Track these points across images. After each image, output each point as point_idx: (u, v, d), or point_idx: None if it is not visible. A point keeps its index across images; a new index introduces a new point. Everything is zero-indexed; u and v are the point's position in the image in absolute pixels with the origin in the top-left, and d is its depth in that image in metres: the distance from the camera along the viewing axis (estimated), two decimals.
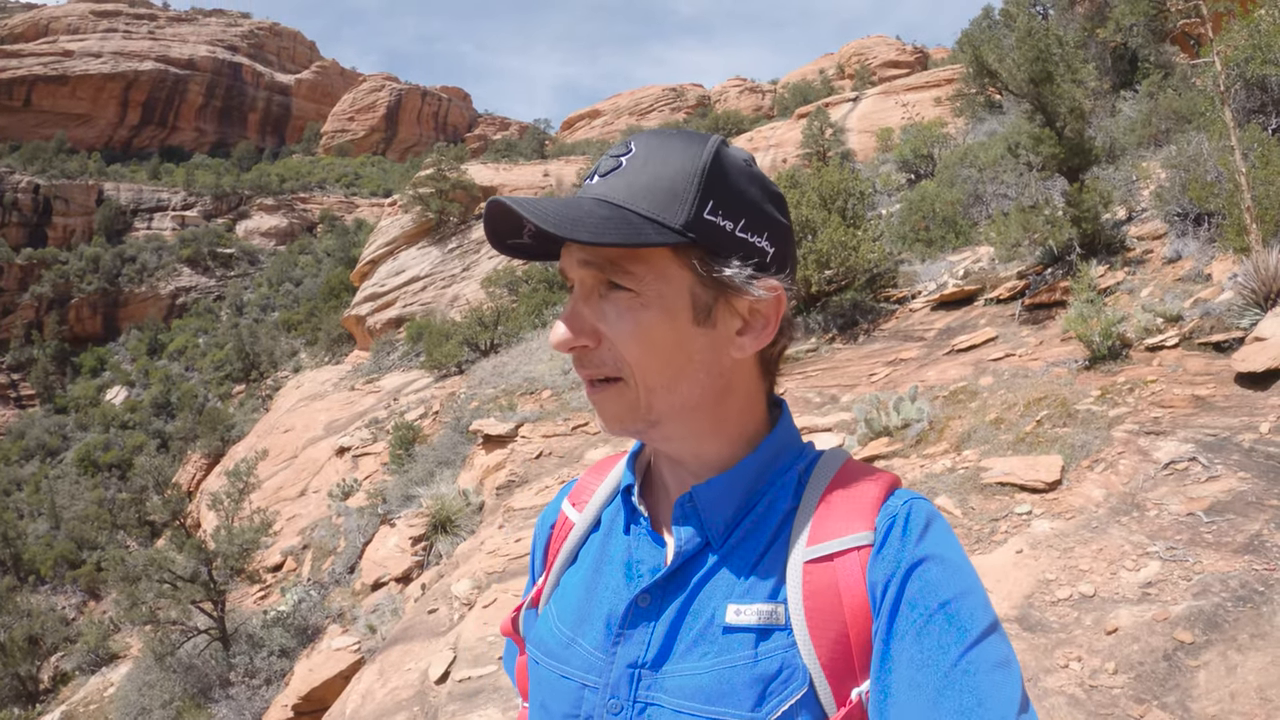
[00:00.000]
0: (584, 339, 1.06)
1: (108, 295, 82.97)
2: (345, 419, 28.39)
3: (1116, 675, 3.52)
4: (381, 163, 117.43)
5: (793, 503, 1.12)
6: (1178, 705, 3.27)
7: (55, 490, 48.93)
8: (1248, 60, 12.89)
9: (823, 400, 10.96)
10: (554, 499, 1.42)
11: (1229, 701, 3.19)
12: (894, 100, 39.33)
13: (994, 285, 12.89)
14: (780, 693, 1.00)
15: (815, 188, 15.98)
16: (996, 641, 0.95)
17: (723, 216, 1.04)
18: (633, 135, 1.08)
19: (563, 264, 1.08)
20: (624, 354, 1.05)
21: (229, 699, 12.00)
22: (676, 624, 1.08)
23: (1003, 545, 5.03)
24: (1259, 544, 4.24)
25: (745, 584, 1.07)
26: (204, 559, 13.44)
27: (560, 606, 1.22)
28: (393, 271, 41.86)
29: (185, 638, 13.81)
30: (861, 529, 1.05)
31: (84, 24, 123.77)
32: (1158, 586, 4.09)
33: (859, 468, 1.15)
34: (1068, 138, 11.86)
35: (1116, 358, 7.90)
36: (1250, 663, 3.36)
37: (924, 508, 1.07)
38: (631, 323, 1.04)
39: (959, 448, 7.27)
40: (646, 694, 1.05)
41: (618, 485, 1.28)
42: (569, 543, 1.29)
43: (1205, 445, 5.52)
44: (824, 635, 1.01)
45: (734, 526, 1.11)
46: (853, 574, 1.03)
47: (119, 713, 14.96)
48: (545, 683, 1.17)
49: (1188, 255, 9.98)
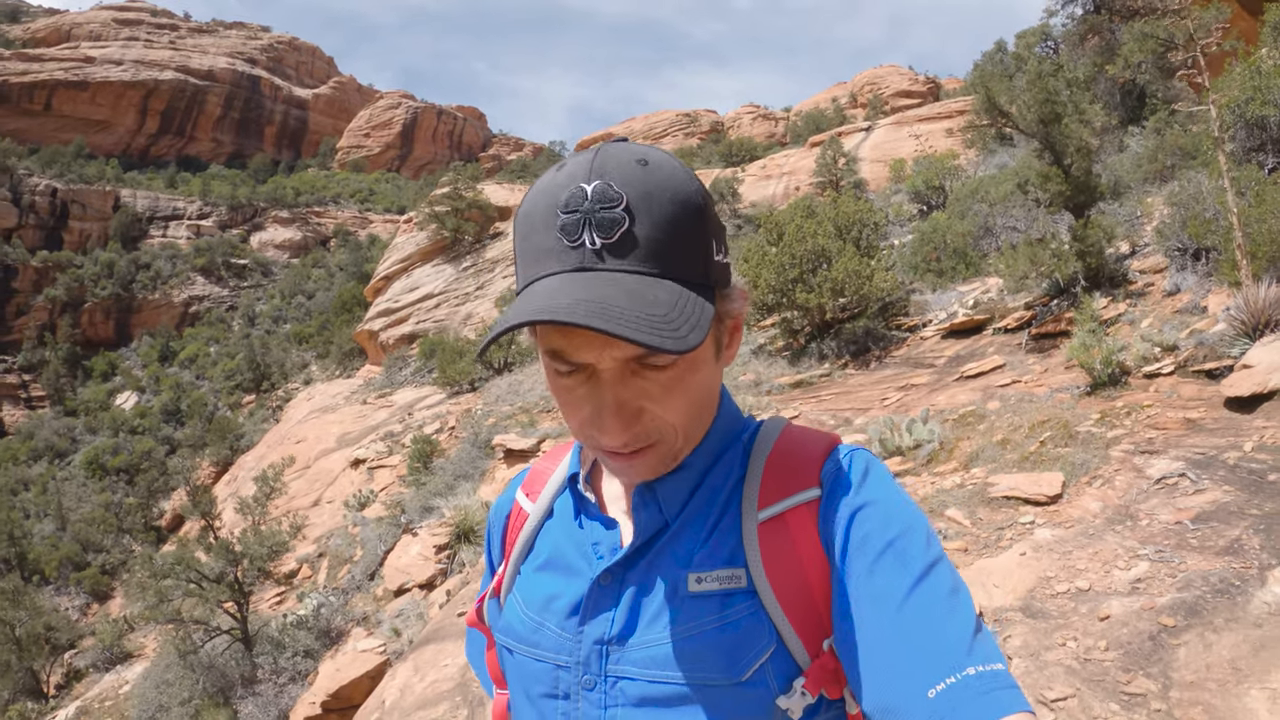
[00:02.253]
0: (636, 424, 1.04)
1: (121, 301, 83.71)
2: (358, 432, 28.55)
3: (1108, 652, 3.98)
4: (396, 179, 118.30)
5: (740, 472, 1.16)
6: (1160, 674, 3.73)
7: (62, 492, 48.48)
8: (1248, 101, 13.36)
9: (837, 423, 11.36)
10: (507, 489, 1.45)
11: (1205, 671, 3.65)
12: (906, 131, 39.73)
13: (1002, 315, 13.32)
14: (748, 653, 1.03)
15: (831, 218, 16.45)
16: (943, 571, 0.99)
17: (717, 250, 1.07)
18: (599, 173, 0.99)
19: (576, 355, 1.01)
20: (673, 421, 1.06)
21: (255, 695, 12.37)
22: (638, 598, 1.11)
23: (1008, 550, 5.50)
24: (1238, 547, 4.70)
25: (703, 553, 1.10)
26: (231, 560, 13.86)
27: (525, 594, 1.24)
28: (407, 288, 42.21)
29: (208, 637, 14.18)
30: (809, 485, 1.10)
31: (106, 31, 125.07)
32: (1146, 582, 4.55)
33: (799, 430, 1.20)
34: (1074, 175, 12.36)
35: (1116, 384, 8.36)
36: (1224, 641, 3.82)
37: (864, 457, 1.13)
38: (681, 390, 1.05)
39: (968, 466, 7.73)
40: (616, 667, 1.09)
41: (567, 473, 1.31)
42: (525, 532, 1.31)
43: (1194, 463, 5.98)
44: (787, 591, 1.05)
45: (687, 502, 1.15)
46: (806, 529, 1.08)
47: (137, 709, 15.19)
48: (521, 668, 1.21)
49: (1186, 288, 10.45)
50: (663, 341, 0.90)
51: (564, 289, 0.95)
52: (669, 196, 1.00)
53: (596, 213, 0.97)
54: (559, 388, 1.06)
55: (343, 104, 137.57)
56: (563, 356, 1.01)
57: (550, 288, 0.97)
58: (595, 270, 0.97)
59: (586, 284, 0.95)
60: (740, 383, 15.28)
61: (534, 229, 1.03)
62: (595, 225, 0.97)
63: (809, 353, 15.75)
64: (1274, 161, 13.20)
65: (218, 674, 13.70)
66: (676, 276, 0.99)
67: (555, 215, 1.00)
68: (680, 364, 1.02)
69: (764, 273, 16.16)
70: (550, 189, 1.02)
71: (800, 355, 15.86)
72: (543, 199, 1.02)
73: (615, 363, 1.00)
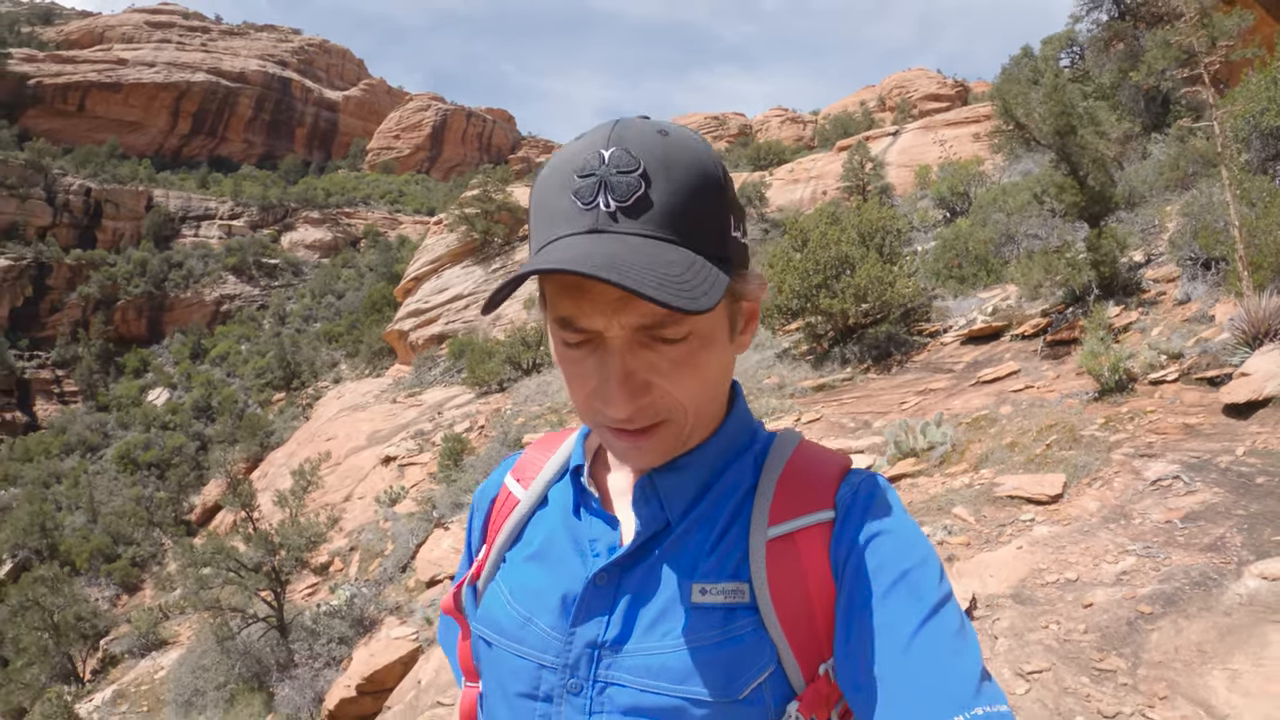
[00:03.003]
0: (643, 397, 1.02)
1: (153, 299, 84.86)
2: (388, 430, 29.05)
3: (1086, 634, 4.35)
4: (425, 181, 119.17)
5: (751, 483, 1.14)
6: (1131, 654, 4.09)
7: (94, 485, 49.23)
8: (1263, 111, 13.57)
9: (856, 425, 11.70)
10: (495, 473, 1.41)
11: (1173, 653, 4.01)
12: (933, 135, 39.77)
13: (1019, 322, 13.59)
14: (748, 671, 1.01)
15: (855, 225, 16.77)
16: (953, 609, 0.97)
17: (735, 227, 1.05)
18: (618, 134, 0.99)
19: (586, 321, 0.99)
20: (682, 399, 1.04)
21: (292, 679, 12.87)
22: (636, 603, 1.08)
23: (1007, 545, 5.86)
24: (1221, 544, 5.05)
25: (708, 564, 1.07)
26: (270, 550, 14.37)
27: (512, 585, 1.20)
28: (436, 289, 42.71)
29: (245, 624, 14.69)
30: (822, 507, 1.08)
31: (138, 34, 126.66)
32: (1131, 575, 4.91)
33: (814, 449, 1.18)
34: (1089, 186, 12.65)
35: (1123, 390, 8.68)
36: (1194, 627, 4.17)
37: (880, 484, 1.11)
38: (692, 366, 1.02)
39: (977, 467, 8.08)
40: (607, 673, 1.06)
41: (565, 463, 1.28)
42: (512, 519, 1.28)
43: (1189, 466, 6.32)
44: (790, 612, 1.03)
45: (693, 507, 1.12)
46: (815, 550, 1.06)
47: (173, 693, 15.77)
48: (499, 662, 1.17)
49: (1196, 298, 10.73)
50: (673, 299, 0.88)
51: (575, 247, 0.94)
52: (687, 164, 0.99)
53: (612, 176, 0.97)
54: (567, 359, 1.05)
55: (373, 106, 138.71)
56: (571, 324, 1.00)
57: (561, 247, 0.96)
58: (608, 232, 0.96)
59: (598, 242, 0.94)
60: (764, 385, 15.61)
61: (548, 194, 1.02)
62: (610, 189, 0.97)
63: (832, 357, 16.01)
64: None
65: (253, 660, 14.22)
66: (692, 245, 0.98)
67: (571, 179, 0.99)
68: (692, 339, 1.01)
69: (789, 278, 16.47)
70: (567, 156, 1.02)
71: (824, 359, 16.14)
72: (559, 166, 1.02)
73: (625, 330, 0.99)
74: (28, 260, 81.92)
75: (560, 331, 1.02)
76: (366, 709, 10.62)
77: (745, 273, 1.08)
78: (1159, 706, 3.66)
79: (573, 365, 1.04)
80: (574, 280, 0.97)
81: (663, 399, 1.02)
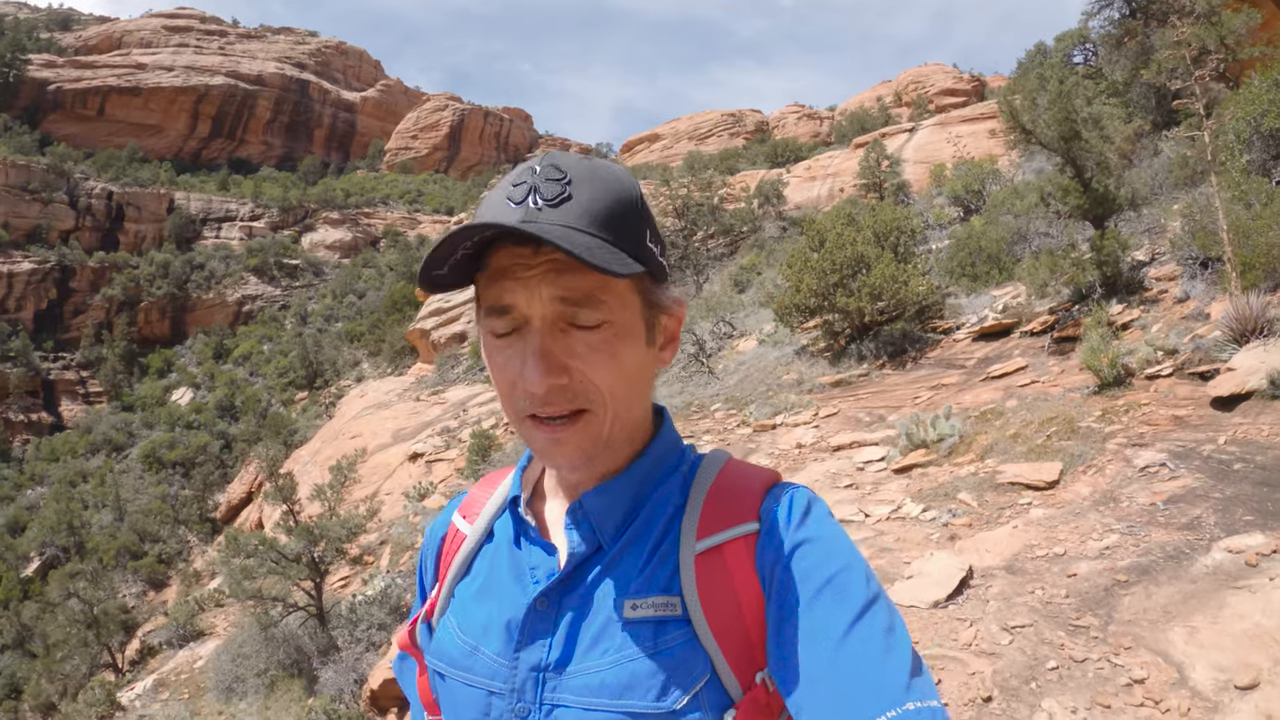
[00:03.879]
0: (560, 376, 1.05)
1: (176, 300, 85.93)
2: (412, 428, 29.46)
3: (1068, 599, 4.93)
4: (444, 180, 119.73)
5: (680, 501, 1.17)
6: (1104, 614, 4.67)
7: (120, 484, 50.37)
8: (1264, 114, 14.01)
9: (871, 419, 12.23)
10: (443, 512, 1.45)
11: (1141, 613, 4.59)
12: (950, 131, 40.02)
13: (1028, 319, 14.03)
14: (683, 682, 1.04)
15: (870, 225, 17.27)
16: (881, 609, 1.00)
17: (652, 239, 1.11)
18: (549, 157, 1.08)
19: (510, 298, 1.06)
20: (598, 384, 1.07)
21: (335, 662, 13.51)
22: (576, 624, 1.11)
23: (1004, 525, 6.44)
24: (1196, 523, 5.61)
25: (640, 580, 1.11)
26: (311, 540, 15.03)
27: (460, 617, 1.24)
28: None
29: (286, 613, 15.34)
30: (747, 519, 1.12)
31: (156, 38, 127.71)
32: (1112, 550, 5.48)
33: (741, 465, 1.22)
34: (1093, 189, 13.15)
35: (1121, 384, 9.22)
36: (1162, 592, 4.75)
37: (804, 494, 1.14)
38: (608, 353, 1.06)
39: (983, 457, 8.65)
40: (552, 695, 1.09)
41: (506, 497, 1.31)
42: (461, 554, 1.31)
43: (1175, 454, 6.87)
44: (721, 623, 1.06)
45: (624, 527, 1.16)
46: (742, 562, 1.09)
47: (214, 680, 16.36)
48: (452, 693, 1.20)
49: (1195, 296, 11.23)
50: (586, 255, 0.95)
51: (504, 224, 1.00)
52: (608, 179, 1.07)
53: (541, 182, 1.04)
54: (493, 352, 1.09)
55: (390, 106, 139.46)
56: (496, 307, 1.05)
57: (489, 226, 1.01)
58: (534, 222, 1.00)
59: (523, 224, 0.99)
60: (783, 381, 16.11)
61: (486, 204, 1.08)
62: (538, 191, 1.03)
63: (849, 354, 16.40)
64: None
65: (292, 647, 14.85)
66: (617, 244, 1.04)
67: (506, 189, 1.06)
68: (607, 329, 1.06)
69: (806, 277, 16.92)
70: (507, 177, 1.10)
71: (841, 356, 16.54)
72: (499, 184, 1.10)
73: (545, 307, 1.03)
74: (51, 263, 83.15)
75: (487, 321, 1.08)
76: None
77: (665, 286, 1.16)
78: (1123, 654, 4.25)
79: (498, 355, 1.09)
80: (500, 266, 1.05)
81: (580, 384, 1.06)
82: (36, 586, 37.07)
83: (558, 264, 1.04)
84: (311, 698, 13.20)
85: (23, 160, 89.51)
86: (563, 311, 1.05)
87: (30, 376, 74.72)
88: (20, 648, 31.23)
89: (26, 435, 69.59)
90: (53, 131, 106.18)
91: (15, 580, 41.27)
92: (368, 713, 11.91)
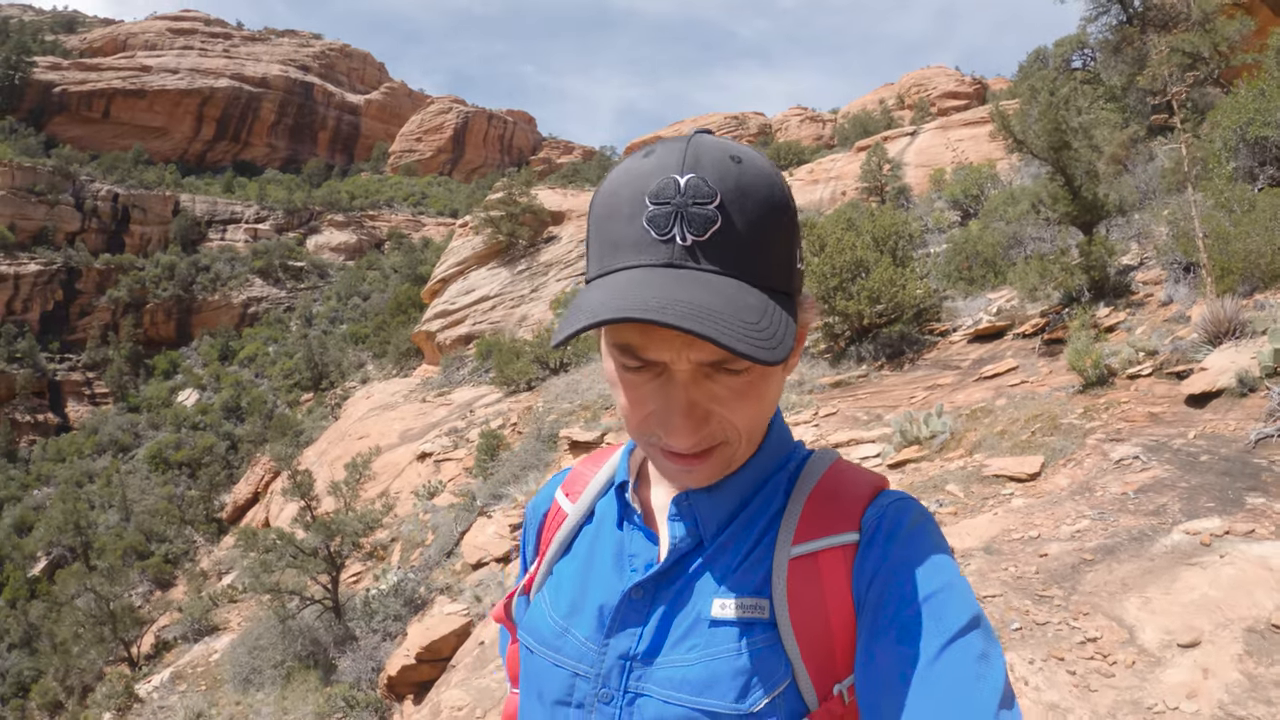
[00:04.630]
0: (704, 427, 1.04)
1: (181, 302, 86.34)
2: (419, 428, 29.84)
3: (1037, 575, 5.45)
4: (448, 183, 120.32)
5: (782, 502, 1.16)
6: (1070, 586, 5.18)
7: (126, 484, 50.83)
8: (1249, 123, 14.52)
9: (869, 418, 12.70)
10: (545, 487, 1.44)
11: (1101, 586, 5.10)
12: (951, 135, 40.32)
13: (1021, 322, 14.50)
14: (763, 685, 1.04)
15: (869, 230, 17.77)
16: (978, 636, 0.97)
17: (800, 259, 1.07)
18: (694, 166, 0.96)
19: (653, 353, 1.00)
20: (739, 424, 1.06)
21: (353, 651, 14.04)
22: (668, 618, 1.12)
23: (986, 513, 6.95)
24: (1162, 510, 6.12)
25: (733, 580, 1.10)
26: (328, 535, 15.56)
27: (554, 596, 1.25)
28: (463, 290, 43.34)
29: (303, 605, 15.86)
30: (847, 529, 1.10)
31: (161, 41, 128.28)
32: (1083, 533, 5.99)
33: (847, 468, 1.19)
34: (1082, 197, 13.67)
35: (1104, 384, 9.72)
36: (1123, 568, 5.27)
37: (910, 507, 1.11)
38: (754, 399, 1.05)
39: (971, 452, 9.16)
40: (637, 684, 1.10)
41: (611, 478, 1.31)
42: (562, 532, 1.31)
43: (1148, 448, 7.38)
44: (807, 630, 1.05)
45: (725, 525, 1.15)
46: (837, 572, 1.07)
47: (231, 672, 16.86)
48: (539, 670, 1.21)
49: (1178, 300, 11.73)
50: (757, 351, 0.89)
51: (652, 284, 0.93)
52: (762, 197, 0.99)
53: (689, 207, 0.95)
54: (626, 383, 1.05)
55: (394, 109, 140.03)
56: (634, 353, 1.00)
57: (636, 280, 0.95)
58: (685, 268, 0.95)
59: (678, 281, 0.93)
60: (786, 382, 16.58)
61: (616, 216, 1.01)
62: (687, 221, 0.95)
63: (849, 355, 16.80)
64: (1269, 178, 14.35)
65: (308, 640, 15.36)
66: (764, 283, 0.98)
67: (643, 205, 0.98)
68: (754, 371, 1.02)
69: (807, 281, 17.39)
70: (638, 176, 1.00)
71: (841, 357, 16.94)
72: (628, 186, 1.01)
73: (691, 365, 0.99)
74: (58, 265, 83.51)
75: (620, 357, 1.03)
76: (424, 675, 11.73)
77: (802, 299, 1.10)
78: (1081, 619, 4.77)
79: (631, 390, 1.05)
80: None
81: (720, 426, 1.05)
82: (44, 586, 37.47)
83: None
84: (329, 686, 13.71)
85: (29, 163, 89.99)
86: (713, 363, 1.01)
87: (36, 378, 75.04)
88: (27, 646, 31.75)
89: (33, 436, 70.02)
90: (58, 134, 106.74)
91: (23, 580, 41.78)
92: (385, 699, 12.44)
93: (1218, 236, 10.82)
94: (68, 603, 27.09)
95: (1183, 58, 22.05)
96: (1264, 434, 6.77)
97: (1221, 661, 4.11)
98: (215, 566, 33.89)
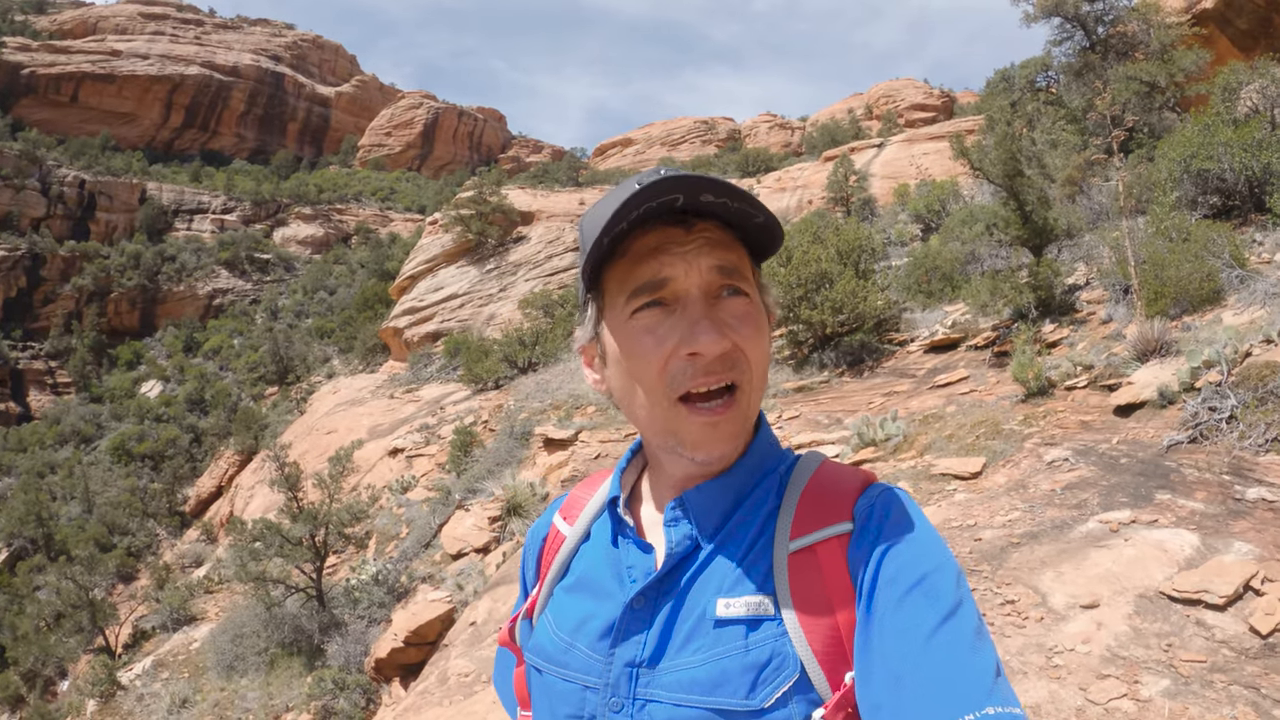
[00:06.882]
0: (727, 339, 1.10)
1: (146, 291, 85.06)
2: (388, 424, 30.19)
3: (971, 554, 6.36)
4: (416, 179, 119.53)
5: (775, 502, 1.20)
6: (997, 563, 6.11)
7: (89, 476, 49.85)
8: (1193, 156, 15.53)
9: (830, 422, 13.59)
10: (544, 513, 1.49)
11: (1023, 564, 6.02)
12: (917, 149, 41.34)
13: (974, 334, 15.39)
14: (772, 680, 1.06)
15: (834, 243, 18.66)
16: (969, 612, 1.01)
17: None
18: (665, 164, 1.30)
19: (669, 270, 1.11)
20: (749, 355, 1.12)
21: (341, 635, 14.72)
22: (670, 622, 1.15)
23: (931, 506, 7.87)
24: (1082, 503, 7.05)
25: (734, 579, 1.13)
26: (314, 525, 16.20)
27: (557, 615, 1.29)
28: (432, 288, 43.80)
29: (287, 594, 16.45)
30: (841, 519, 1.13)
31: (132, 25, 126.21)
32: (1013, 522, 6.91)
33: (836, 467, 1.23)
34: (1033, 221, 14.67)
35: (1044, 394, 10.67)
36: (1042, 549, 6.20)
37: (898, 495, 1.15)
38: (755, 325, 1.14)
39: (922, 454, 10.08)
40: (645, 691, 1.12)
41: (605, 498, 1.36)
42: (561, 555, 1.36)
43: (1077, 451, 8.32)
44: (813, 622, 1.08)
45: (722, 525, 1.19)
46: (835, 561, 1.10)
47: (213, 659, 17.25)
48: (548, 688, 1.24)
49: (1116, 319, 12.72)
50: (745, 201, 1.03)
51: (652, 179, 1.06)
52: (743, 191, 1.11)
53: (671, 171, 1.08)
54: (641, 335, 1.13)
55: (365, 102, 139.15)
56: (653, 282, 1.11)
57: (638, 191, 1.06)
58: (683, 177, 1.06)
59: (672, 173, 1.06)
60: None
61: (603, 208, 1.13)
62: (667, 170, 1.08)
63: (811, 362, 17.61)
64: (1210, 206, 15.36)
65: (291, 627, 15.90)
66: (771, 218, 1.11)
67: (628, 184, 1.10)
68: (753, 298, 1.16)
69: (773, 290, 18.14)
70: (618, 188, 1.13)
71: (804, 364, 17.76)
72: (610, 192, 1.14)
73: (704, 276, 1.11)
74: (22, 251, 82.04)
75: (634, 301, 1.14)
76: (411, 658, 12.49)
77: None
78: (1004, 588, 5.70)
79: (648, 335, 1.13)
80: (649, 246, 1.12)
81: (734, 353, 1.12)
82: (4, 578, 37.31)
83: (710, 240, 1.13)
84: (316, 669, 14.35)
85: None
86: (718, 281, 1.13)
87: None
88: None
89: None
90: (25, 116, 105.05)
91: None
92: (374, 680, 13.19)
93: (1154, 263, 11.81)
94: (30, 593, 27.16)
95: (1140, 85, 23.12)
96: (1175, 440, 7.74)
97: (1114, 618, 5.05)
98: (179, 559, 33.97)
